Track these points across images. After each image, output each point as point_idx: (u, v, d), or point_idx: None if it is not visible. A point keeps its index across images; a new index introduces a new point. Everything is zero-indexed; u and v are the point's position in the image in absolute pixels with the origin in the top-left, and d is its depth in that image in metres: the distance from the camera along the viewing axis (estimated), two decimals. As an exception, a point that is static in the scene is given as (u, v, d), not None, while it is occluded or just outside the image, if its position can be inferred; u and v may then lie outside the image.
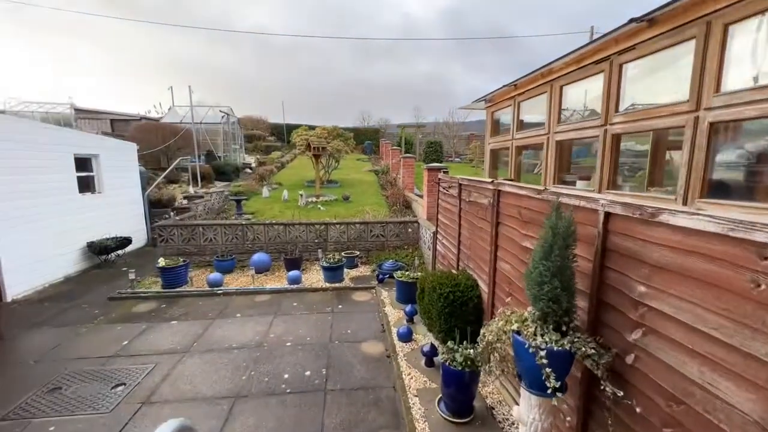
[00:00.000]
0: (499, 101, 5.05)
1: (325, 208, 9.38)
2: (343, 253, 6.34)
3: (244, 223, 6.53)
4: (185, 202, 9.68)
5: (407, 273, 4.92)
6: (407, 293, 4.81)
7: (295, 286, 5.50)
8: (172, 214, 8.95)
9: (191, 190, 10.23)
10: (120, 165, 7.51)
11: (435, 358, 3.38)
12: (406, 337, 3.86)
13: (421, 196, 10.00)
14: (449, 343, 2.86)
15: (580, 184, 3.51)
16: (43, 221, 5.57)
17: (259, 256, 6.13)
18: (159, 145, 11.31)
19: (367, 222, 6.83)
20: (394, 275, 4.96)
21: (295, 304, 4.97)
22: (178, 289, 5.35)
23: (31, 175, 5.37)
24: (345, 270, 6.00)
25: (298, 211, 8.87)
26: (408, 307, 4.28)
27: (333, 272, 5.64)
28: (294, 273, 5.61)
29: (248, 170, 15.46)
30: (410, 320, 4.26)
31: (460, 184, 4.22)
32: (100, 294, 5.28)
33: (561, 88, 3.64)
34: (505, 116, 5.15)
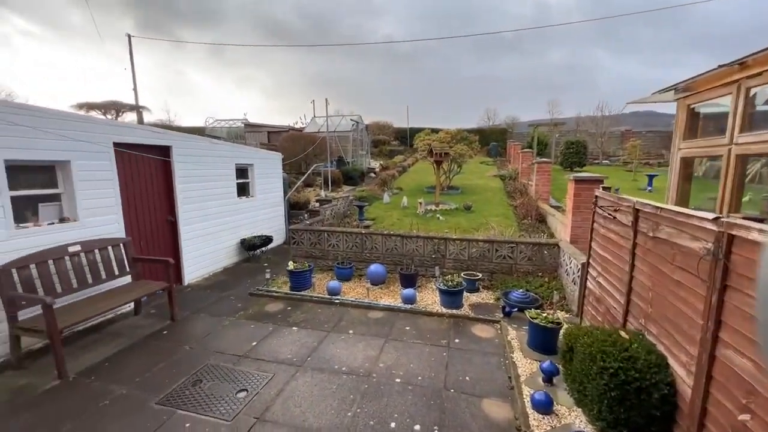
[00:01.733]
0: (706, 89, 3.51)
1: (445, 218, 8.82)
2: (462, 274, 5.67)
3: (363, 232, 6.56)
4: (317, 205, 10.60)
5: (544, 315, 3.93)
6: (544, 340, 3.84)
7: (409, 306, 5.13)
8: (306, 215, 9.86)
9: (323, 193, 11.18)
10: (268, 172, 8.62)
11: (590, 457, 2.43)
12: (544, 407, 2.97)
13: (559, 209, 8.40)
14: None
15: None
16: (212, 220, 6.73)
17: (375, 268, 6.02)
18: (300, 153, 12.84)
19: (493, 240, 5.96)
20: (527, 313, 4.03)
21: (407, 327, 4.58)
22: (302, 293, 5.66)
23: (205, 183, 6.53)
24: (464, 294, 5.32)
25: (417, 220, 8.58)
26: (546, 363, 3.34)
27: (451, 297, 5.04)
28: (409, 292, 5.25)
29: (372, 174, 16.22)
30: (548, 381, 3.32)
31: (637, 210, 3.04)
32: (244, 287, 6.03)
33: None
34: (714, 109, 3.57)
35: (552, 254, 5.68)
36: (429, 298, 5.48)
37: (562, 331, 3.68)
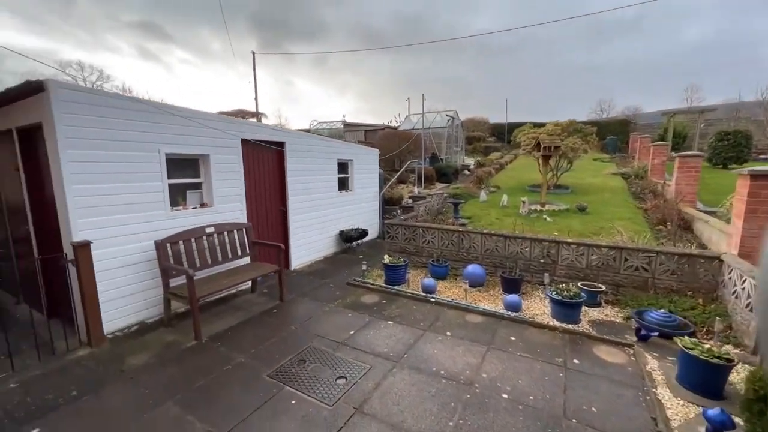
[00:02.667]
0: None
1: (553, 220, 7.82)
2: (579, 284, 4.86)
3: (461, 230, 6.19)
4: (410, 201, 10.56)
5: (706, 347, 3.03)
6: (705, 379, 2.97)
7: (513, 314, 4.60)
8: (399, 212, 9.90)
9: (416, 190, 11.09)
10: (365, 168, 8.87)
11: None
12: (715, 469, 2.24)
13: (713, 214, 6.64)
14: None
15: None
16: (315, 211, 7.21)
17: (473, 268, 5.61)
18: (395, 150, 13.01)
19: (622, 247, 4.97)
20: (679, 341, 3.18)
21: (512, 338, 4.10)
22: (397, 288, 5.60)
23: (311, 176, 7.01)
24: (582, 307, 4.54)
25: (519, 220, 7.79)
26: (715, 412, 2.54)
27: (566, 309, 4.35)
28: (512, 298, 4.72)
29: (466, 172, 15.53)
30: (717, 434, 2.51)
31: None
32: (341, 277, 6.28)
33: None
34: None
35: (709, 270, 4.45)
36: (536, 307, 4.85)
37: (737, 372, 2.77)
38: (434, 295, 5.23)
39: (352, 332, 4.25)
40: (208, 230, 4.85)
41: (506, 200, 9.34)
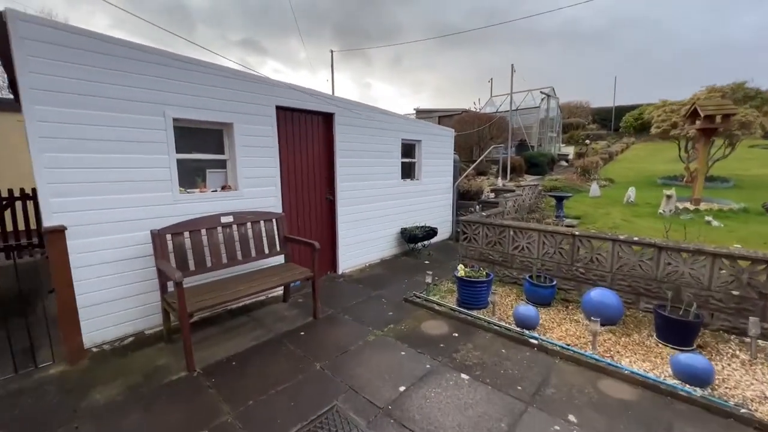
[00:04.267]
0: None
1: (722, 224, 5.15)
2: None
3: (576, 233, 4.13)
4: (492, 195, 8.55)
5: None
6: None
7: (699, 391, 2.51)
8: (477, 207, 7.97)
9: (500, 182, 9.00)
10: (437, 152, 7.19)
11: None
12: None
13: None
14: None
15: None
16: (372, 203, 5.80)
17: (600, 295, 3.57)
18: (474, 134, 10.98)
19: None
20: None
21: (714, 452, 2.07)
22: (475, 313, 3.85)
23: (367, 159, 5.60)
24: None
25: (661, 223, 5.31)
26: None
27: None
28: (693, 359, 2.62)
29: (563, 162, 12.67)
30: None
31: None
32: (399, 288, 4.75)
33: None
34: None
35: None
36: (738, 378, 2.66)
37: None
38: (536, 334, 3.36)
39: (403, 389, 2.68)
40: (224, 219, 3.74)
41: (633, 195, 6.72)
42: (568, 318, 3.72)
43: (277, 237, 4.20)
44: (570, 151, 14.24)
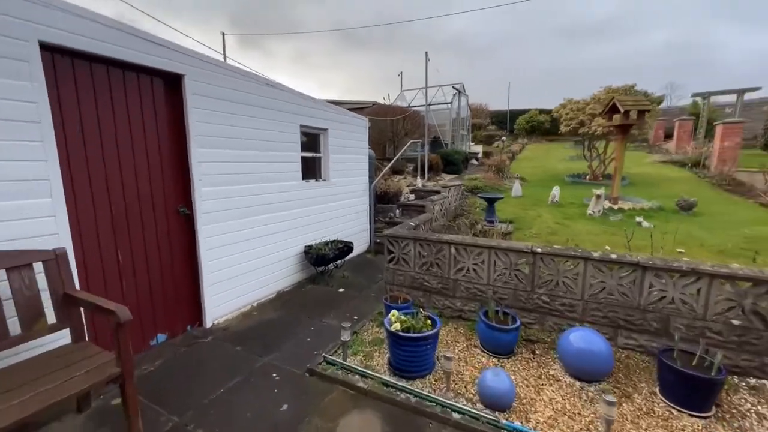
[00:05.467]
0: None
1: (654, 225, 4.88)
2: None
3: (538, 250, 3.12)
4: (412, 197, 7.50)
5: None
6: None
7: None
8: (397, 212, 6.78)
9: (419, 182, 8.02)
10: (350, 145, 5.73)
11: None
12: None
13: None
14: None
15: None
16: (261, 215, 4.01)
17: (582, 338, 2.58)
18: (387, 129, 9.88)
19: None
20: None
21: None
22: (420, 386, 2.49)
23: (246, 151, 3.80)
24: None
25: (598, 226, 4.83)
26: None
27: None
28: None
29: (474, 161, 12.58)
30: None
31: None
32: (301, 344, 3.15)
33: None
34: None
35: None
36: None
37: None
38: (518, 424, 2.15)
39: None
40: None
41: (557, 195, 6.35)
42: (543, 374, 2.64)
43: (53, 297, 2.16)
44: (479, 149, 14.44)
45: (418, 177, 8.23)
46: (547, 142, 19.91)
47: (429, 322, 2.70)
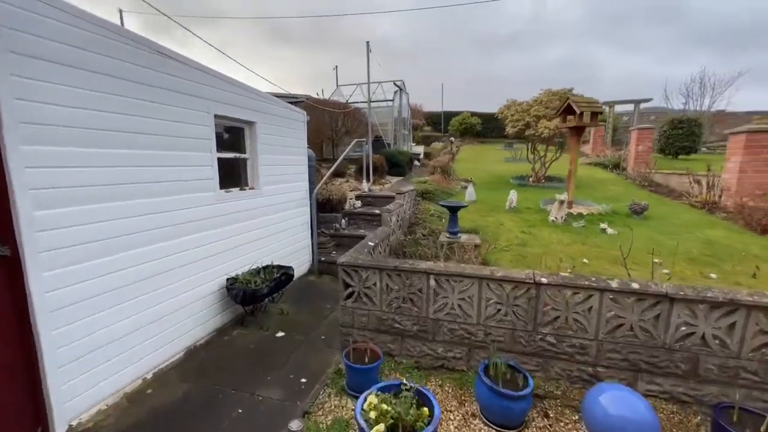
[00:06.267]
0: None
1: (617, 232, 4.70)
2: None
3: (543, 280, 2.45)
4: (359, 204, 6.59)
5: None
6: None
7: None
8: (343, 222, 5.84)
9: (365, 186, 7.14)
10: (284, 144, 4.61)
11: None
12: None
13: None
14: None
15: None
16: (153, 244, 2.72)
17: (619, 404, 1.96)
18: (325, 126, 8.79)
19: None
20: None
21: None
22: None
23: (124, 150, 2.51)
24: None
25: (567, 234, 4.49)
26: None
27: None
28: None
29: (417, 162, 12.13)
30: None
31: None
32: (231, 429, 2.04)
33: None
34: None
35: None
36: None
37: None
38: None
39: None
40: None
41: (515, 200, 6.01)
42: (571, 455, 1.96)
43: None
44: (421, 150, 14.08)
45: (364, 180, 7.35)
46: (479, 144, 20.65)
47: (424, 408, 1.82)
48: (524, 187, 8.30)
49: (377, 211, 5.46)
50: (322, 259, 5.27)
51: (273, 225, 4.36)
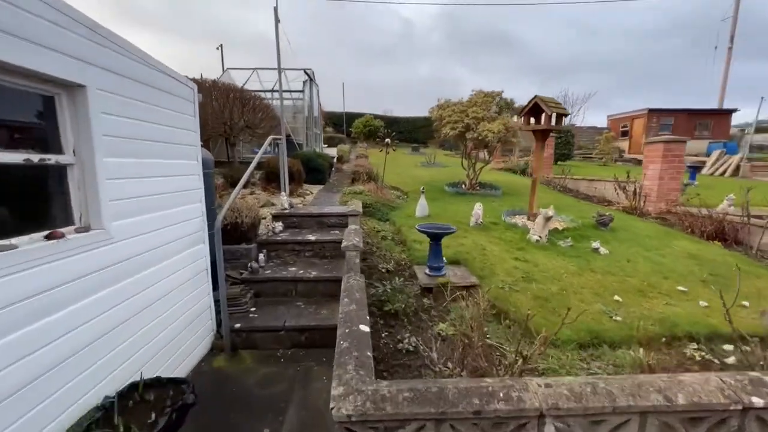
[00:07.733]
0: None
1: (608, 251, 4.12)
2: None
3: (752, 402, 1.31)
4: (280, 228, 4.68)
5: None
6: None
7: None
8: (261, 257, 3.98)
9: (284, 200, 5.21)
10: (156, 137, 2.50)
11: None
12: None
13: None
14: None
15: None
16: None
17: None
18: (216, 118, 6.40)
19: None
20: None
21: None
22: None
23: None
24: None
25: (571, 261, 3.68)
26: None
27: None
28: None
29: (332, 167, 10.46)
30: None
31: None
32: None
33: None
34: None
35: None
36: None
37: None
38: None
39: None
40: None
41: (480, 214, 5.04)
42: None
43: None
44: (334, 152, 12.36)
45: (282, 192, 5.39)
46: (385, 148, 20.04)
47: None
48: (462, 195, 7.63)
49: (313, 239, 3.72)
50: (237, 326, 3.27)
51: (136, 299, 2.25)
